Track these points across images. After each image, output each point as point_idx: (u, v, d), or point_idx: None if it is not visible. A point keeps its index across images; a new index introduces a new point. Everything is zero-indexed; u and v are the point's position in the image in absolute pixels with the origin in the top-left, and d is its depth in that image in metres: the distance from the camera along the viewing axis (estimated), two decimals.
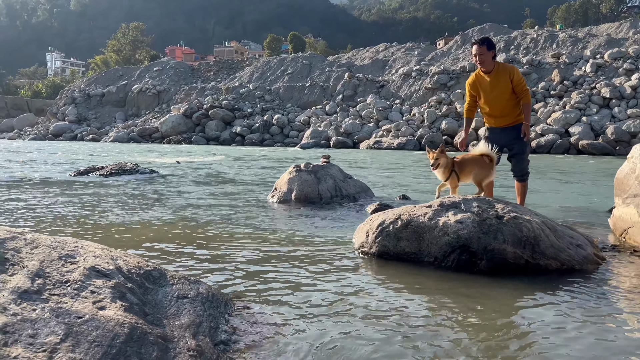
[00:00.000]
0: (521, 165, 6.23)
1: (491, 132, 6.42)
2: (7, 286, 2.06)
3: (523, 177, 6.27)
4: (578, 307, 3.28)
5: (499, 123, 6.25)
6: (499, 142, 6.36)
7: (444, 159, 5.16)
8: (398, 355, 2.55)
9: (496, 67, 6.05)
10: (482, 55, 5.95)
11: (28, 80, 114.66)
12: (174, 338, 2.28)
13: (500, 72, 6.03)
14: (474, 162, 5.28)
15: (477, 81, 6.20)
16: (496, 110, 6.18)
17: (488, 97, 6.14)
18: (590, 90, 37.07)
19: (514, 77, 6.02)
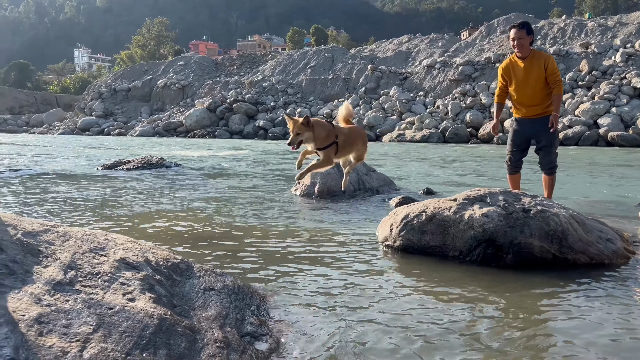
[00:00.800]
0: (549, 158, 6.12)
1: (518, 123, 6.33)
2: (41, 277, 2.12)
3: (551, 170, 6.17)
4: (607, 303, 3.22)
5: (528, 113, 6.14)
6: (526, 134, 6.27)
7: (308, 133, 4.04)
8: (425, 351, 2.54)
9: (532, 53, 5.98)
10: (521, 40, 5.89)
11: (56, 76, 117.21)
12: (202, 329, 2.32)
13: (535, 59, 5.95)
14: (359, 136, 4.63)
15: (510, 66, 6.13)
16: (525, 97, 6.08)
17: (520, 83, 6.05)
18: (620, 81, 36.07)
19: (549, 66, 5.92)
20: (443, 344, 2.60)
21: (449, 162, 16.84)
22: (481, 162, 17.33)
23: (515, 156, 6.34)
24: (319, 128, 4.11)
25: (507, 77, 6.17)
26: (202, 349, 2.11)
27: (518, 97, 6.14)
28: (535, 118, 6.10)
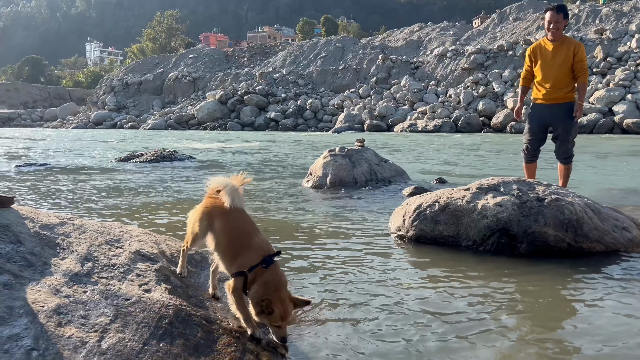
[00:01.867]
0: (565, 147, 6.07)
1: (535, 108, 6.28)
2: (59, 269, 2.15)
3: (567, 160, 6.12)
4: (623, 292, 3.19)
5: (547, 95, 6.07)
6: (543, 120, 6.20)
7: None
8: (439, 340, 2.55)
9: (563, 38, 5.98)
10: (557, 23, 5.89)
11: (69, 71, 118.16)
12: (217, 320, 2.34)
13: (565, 44, 5.96)
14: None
15: (538, 48, 6.14)
16: (549, 79, 6.03)
17: (545, 64, 6.05)
18: (636, 67, 35.44)
19: (578, 53, 5.92)
20: (459, 334, 2.60)
21: (461, 152, 16.73)
22: (494, 151, 17.19)
23: (533, 145, 6.28)
24: None
25: (534, 57, 6.17)
26: (217, 338, 2.14)
27: (541, 77, 6.13)
28: (553, 104, 6.03)
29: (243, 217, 2.45)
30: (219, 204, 2.41)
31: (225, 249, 2.38)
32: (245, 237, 2.37)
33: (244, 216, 2.46)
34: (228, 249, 2.37)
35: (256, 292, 2.23)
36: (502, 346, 2.47)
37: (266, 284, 2.24)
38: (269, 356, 2.20)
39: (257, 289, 2.24)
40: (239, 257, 2.31)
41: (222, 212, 2.39)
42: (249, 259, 2.29)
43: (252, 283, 2.26)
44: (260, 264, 2.26)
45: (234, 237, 2.38)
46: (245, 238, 2.37)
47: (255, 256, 2.29)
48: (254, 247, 2.33)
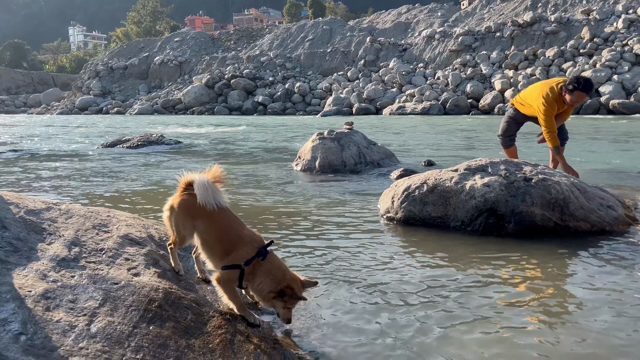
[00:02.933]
0: (562, 128, 6.17)
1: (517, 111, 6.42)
2: (46, 254, 2.13)
3: (563, 142, 6.22)
4: (608, 267, 3.24)
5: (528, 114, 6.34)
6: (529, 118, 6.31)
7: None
8: (428, 320, 2.57)
9: None
10: (580, 101, 5.84)
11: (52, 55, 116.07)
12: (207, 303, 2.34)
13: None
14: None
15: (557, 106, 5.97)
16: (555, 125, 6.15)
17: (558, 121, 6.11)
18: (622, 48, 35.63)
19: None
20: (447, 313, 2.63)
21: (450, 134, 16.78)
22: (482, 133, 17.26)
23: (511, 126, 6.40)
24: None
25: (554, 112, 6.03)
26: (208, 321, 2.14)
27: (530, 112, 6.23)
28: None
29: (227, 213, 2.41)
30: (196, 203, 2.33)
31: (214, 246, 2.34)
32: (235, 232, 2.34)
33: (227, 212, 2.42)
34: (218, 246, 2.33)
35: (265, 283, 2.22)
36: (491, 325, 2.51)
37: (271, 273, 2.23)
38: (259, 337, 2.21)
39: (264, 279, 2.23)
40: (232, 252, 2.28)
41: (204, 211, 2.33)
42: (244, 252, 2.26)
43: (249, 275, 2.25)
44: (257, 257, 2.25)
45: (223, 234, 2.34)
46: (234, 233, 2.33)
47: (250, 249, 2.27)
48: (246, 240, 2.30)
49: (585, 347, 2.26)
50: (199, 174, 2.42)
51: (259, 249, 2.27)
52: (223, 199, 2.39)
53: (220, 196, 2.38)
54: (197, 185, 2.35)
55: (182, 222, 2.42)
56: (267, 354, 2.05)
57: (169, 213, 2.48)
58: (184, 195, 2.45)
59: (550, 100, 5.84)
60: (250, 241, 2.31)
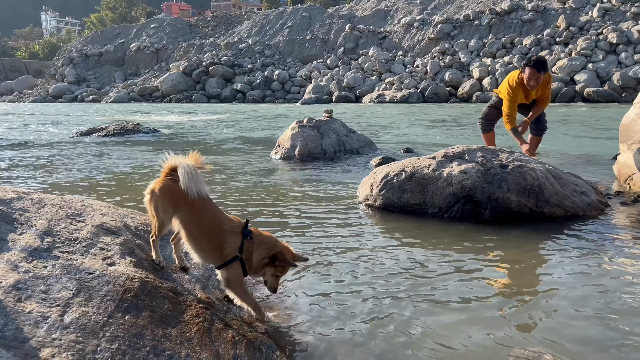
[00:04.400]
0: (540, 118, 6.25)
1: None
2: (17, 245, 2.08)
3: (540, 132, 6.31)
4: (581, 251, 3.31)
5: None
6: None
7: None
8: (406, 304, 2.60)
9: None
10: (538, 80, 5.93)
11: (24, 42, 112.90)
12: (184, 292, 2.32)
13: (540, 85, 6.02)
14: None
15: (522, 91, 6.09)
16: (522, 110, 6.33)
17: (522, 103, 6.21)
18: (597, 36, 36.21)
19: (548, 87, 6.12)
20: (423, 297, 2.66)
21: (428, 122, 16.89)
22: (461, 121, 17.41)
23: (492, 112, 6.44)
24: None
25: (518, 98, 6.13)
26: (185, 310, 2.12)
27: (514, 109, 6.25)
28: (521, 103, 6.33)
29: (208, 203, 2.38)
30: (179, 190, 2.31)
31: (199, 240, 2.32)
32: (216, 222, 2.32)
33: (209, 202, 2.39)
34: (202, 239, 2.32)
35: (260, 253, 2.27)
36: (466, 308, 2.55)
37: (264, 242, 2.28)
38: (238, 324, 2.20)
39: (259, 249, 2.27)
40: (221, 246, 2.27)
41: (186, 199, 2.31)
42: (233, 242, 2.27)
43: (249, 260, 2.27)
44: (244, 239, 2.26)
45: (206, 226, 2.32)
46: (216, 223, 2.32)
47: (235, 236, 2.28)
48: (227, 229, 2.30)
49: (555, 325, 2.31)
50: (184, 158, 2.39)
51: (242, 232, 2.29)
52: (204, 188, 2.37)
53: (202, 184, 2.36)
54: (181, 170, 2.32)
55: (162, 206, 2.39)
56: (246, 341, 2.05)
57: (150, 196, 2.44)
58: (167, 180, 2.41)
59: (515, 86, 6.03)
60: (232, 229, 2.31)
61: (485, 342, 2.20)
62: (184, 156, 2.41)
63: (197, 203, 2.32)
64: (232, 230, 2.30)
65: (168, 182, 2.40)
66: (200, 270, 2.71)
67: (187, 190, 2.28)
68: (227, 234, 2.29)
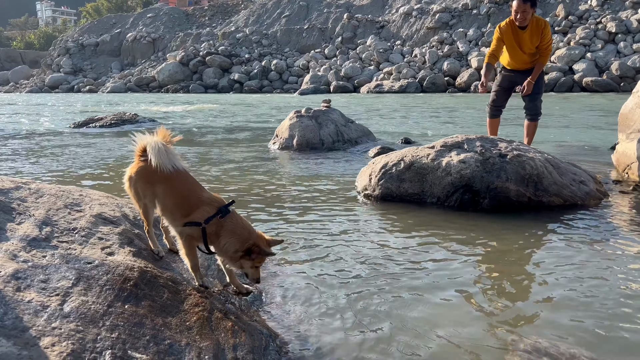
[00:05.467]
0: (534, 103, 6.22)
1: (506, 70, 6.45)
2: (15, 234, 2.08)
3: (535, 117, 6.26)
4: (580, 241, 3.32)
5: (517, 67, 6.32)
6: (513, 79, 6.33)
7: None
8: (403, 293, 2.60)
9: (531, 22, 5.96)
10: (524, 12, 5.85)
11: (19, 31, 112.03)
12: (184, 281, 2.32)
13: (534, 29, 5.99)
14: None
15: (510, 32, 6.07)
16: (517, 59, 6.24)
17: (517, 49, 6.13)
18: (596, 25, 36.04)
19: (545, 35, 6.03)
20: (423, 286, 2.66)
21: (427, 112, 16.85)
22: (459, 110, 17.37)
23: (500, 96, 6.39)
24: None
25: (506, 40, 6.09)
26: (185, 299, 2.12)
27: (510, 57, 6.24)
28: (524, 70, 6.23)
29: (186, 177, 2.35)
30: (153, 168, 2.27)
31: (174, 210, 2.29)
32: (194, 195, 2.30)
33: (187, 176, 2.36)
34: (177, 210, 2.28)
35: (230, 242, 2.19)
36: (465, 297, 2.55)
37: (235, 232, 2.20)
38: (238, 314, 2.20)
39: (229, 239, 2.19)
40: (192, 214, 2.24)
41: (162, 176, 2.27)
42: (204, 211, 2.22)
43: (213, 236, 2.21)
44: (217, 215, 2.21)
45: (182, 198, 2.29)
46: (194, 195, 2.29)
47: (210, 208, 2.24)
48: (206, 201, 2.27)
49: (553, 313, 2.32)
50: (151, 136, 2.35)
51: (219, 207, 2.24)
52: (179, 161, 2.34)
53: (176, 158, 2.33)
54: (149, 148, 2.29)
55: (142, 189, 2.36)
56: (245, 330, 2.05)
57: (129, 183, 2.42)
58: (141, 162, 2.39)
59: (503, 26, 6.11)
60: (210, 202, 2.27)
61: (482, 331, 2.21)
62: (152, 135, 2.38)
63: (173, 177, 2.29)
64: (210, 203, 2.26)
65: (142, 164, 2.38)
66: (199, 260, 2.70)
67: (159, 166, 2.25)
68: (202, 204, 2.25)
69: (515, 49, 6.11)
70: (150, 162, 2.28)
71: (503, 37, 6.10)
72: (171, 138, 2.39)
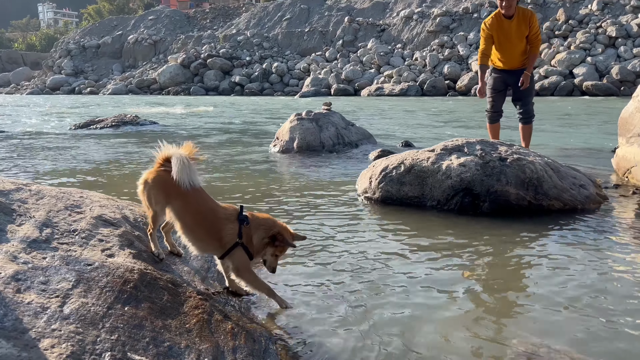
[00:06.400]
0: (527, 107, 6.22)
1: (496, 72, 6.40)
2: (16, 236, 2.08)
3: (529, 119, 6.26)
4: (579, 244, 3.32)
5: (507, 65, 6.26)
6: (504, 80, 6.33)
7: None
8: (404, 296, 2.60)
9: (517, 11, 5.99)
10: (509, 1, 5.86)
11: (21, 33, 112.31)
12: (184, 283, 2.32)
13: (521, 18, 6.01)
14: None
15: (497, 24, 6.10)
16: (507, 53, 6.24)
17: (503, 41, 6.15)
18: (596, 30, 36.10)
19: (533, 25, 6.05)
20: (422, 290, 2.66)
21: (427, 115, 16.86)
22: (459, 114, 17.39)
23: (497, 101, 6.39)
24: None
25: (493, 34, 6.11)
26: (185, 301, 2.12)
27: (501, 54, 6.24)
28: (514, 70, 6.20)
29: (201, 193, 2.38)
30: (171, 180, 2.29)
31: (195, 229, 2.33)
32: (210, 211, 2.34)
33: (202, 192, 2.39)
34: (198, 228, 2.33)
35: (259, 233, 2.32)
36: (466, 301, 2.55)
37: (262, 224, 2.33)
38: (237, 316, 2.21)
39: (258, 231, 2.32)
40: (219, 235, 2.30)
41: (179, 190, 2.30)
42: (231, 229, 2.29)
43: (249, 243, 2.31)
44: (241, 225, 2.29)
45: (200, 216, 2.33)
46: (210, 212, 2.34)
47: (232, 223, 2.30)
48: (224, 218, 2.32)
49: (551, 318, 2.32)
50: (177, 149, 2.39)
51: (237, 218, 2.32)
52: (197, 179, 2.37)
53: (196, 175, 2.36)
54: (175, 160, 2.32)
55: (155, 197, 2.39)
56: (245, 332, 2.05)
57: (143, 187, 2.44)
58: (160, 171, 2.41)
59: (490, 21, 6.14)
60: (227, 217, 2.34)
61: (481, 335, 2.21)
62: (178, 147, 2.41)
63: (190, 194, 2.33)
64: (228, 217, 2.33)
65: (161, 173, 2.40)
66: (199, 262, 2.71)
67: (179, 181, 2.28)
68: (223, 222, 2.32)
69: (504, 43, 6.09)
70: (169, 172, 2.31)
71: (492, 32, 6.11)
72: (196, 155, 2.42)
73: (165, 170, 2.38)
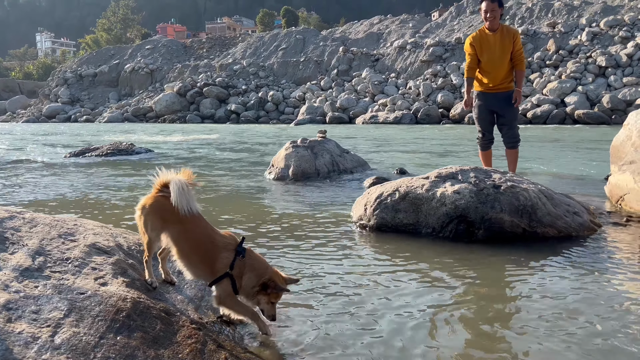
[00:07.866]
0: (513, 132, 6.28)
1: (481, 97, 6.45)
2: (8, 264, 2.06)
3: (515, 144, 6.31)
4: (574, 273, 3.32)
5: (492, 86, 6.27)
6: (490, 106, 6.39)
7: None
8: (398, 327, 2.58)
9: (500, 27, 6.09)
10: (493, 12, 5.99)
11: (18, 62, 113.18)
12: (177, 312, 2.30)
13: (505, 34, 6.09)
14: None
15: (481, 39, 6.20)
16: (492, 71, 6.21)
17: (491, 56, 6.15)
18: (586, 59, 36.79)
19: (517, 41, 6.12)
20: (417, 320, 2.64)
21: (421, 143, 16.99)
22: (453, 142, 17.54)
23: (487, 129, 6.44)
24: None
25: (478, 49, 6.20)
26: (177, 330, 2.10)
27: (484, 69, 6.27)
28: (498, 92, 6.23)
29: (199, 219, 2.38)
30: (169, 206, 2.30)
31: (190, 254, 2.32)
32: (208, 238, 2.33)
33: (200, 218, 2.39)
34: (194, 254, 2.32)
35: (250, 278, 2.26)
36: (461, 330, 2.53)
37: (254, 268, 2.27)
38: (231, 345, 2.18)
39: (249, 275, 2.26)
40: (214, 262, 2.28)
41: (176, 216, 2.30)
42: (225, 259, 2.27)
43: (239, 277, 2.27)
44: (237, 257, 2.26)
45: (197, 242, 2.32)
46: (207, 239, 2.33)
47: (228, 253, 2.28)
48: (220, 245, 2.31)
49: (541, 344, 2.30)
50: (176, 174, 2.39)
51: (235, 248, 2.29)
52: (196, 205, 2.37)
53: (194, 201, 2.37)
54: (173, 185, 2.32)
55: (152, 223, 2.39)
56: None
57: (140, 212, 2.44)
58: (158, 197, 2.41)
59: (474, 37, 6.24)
60: (225, 245, 2.32)
61: None
62: (176, 172, 2.42)
63: (188, 220, 2.33)
64: (225, 246, 2.31)
65: (159, 198, 2.40)
66: (193, 290, 2.68)
67: (178, 207, 2.28)
68: (219, 250, 2.30)
69: (489, 59, 6.13)
70: (168, 198, 2.31)
71: (475, 44, 6.17)
72: (194, 181, 2.42)
73: (163, 195, 2.38)
